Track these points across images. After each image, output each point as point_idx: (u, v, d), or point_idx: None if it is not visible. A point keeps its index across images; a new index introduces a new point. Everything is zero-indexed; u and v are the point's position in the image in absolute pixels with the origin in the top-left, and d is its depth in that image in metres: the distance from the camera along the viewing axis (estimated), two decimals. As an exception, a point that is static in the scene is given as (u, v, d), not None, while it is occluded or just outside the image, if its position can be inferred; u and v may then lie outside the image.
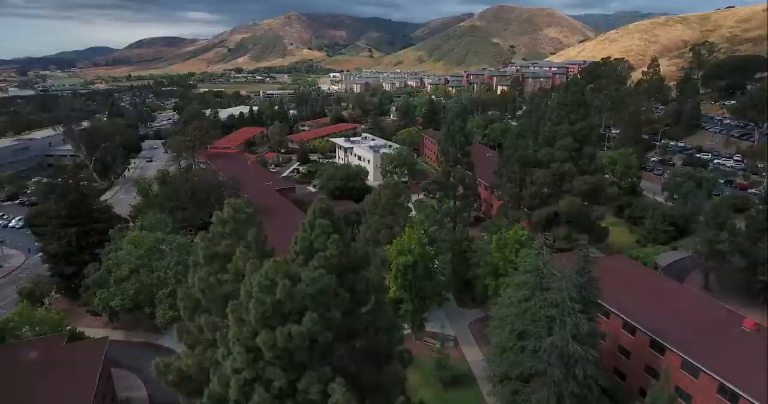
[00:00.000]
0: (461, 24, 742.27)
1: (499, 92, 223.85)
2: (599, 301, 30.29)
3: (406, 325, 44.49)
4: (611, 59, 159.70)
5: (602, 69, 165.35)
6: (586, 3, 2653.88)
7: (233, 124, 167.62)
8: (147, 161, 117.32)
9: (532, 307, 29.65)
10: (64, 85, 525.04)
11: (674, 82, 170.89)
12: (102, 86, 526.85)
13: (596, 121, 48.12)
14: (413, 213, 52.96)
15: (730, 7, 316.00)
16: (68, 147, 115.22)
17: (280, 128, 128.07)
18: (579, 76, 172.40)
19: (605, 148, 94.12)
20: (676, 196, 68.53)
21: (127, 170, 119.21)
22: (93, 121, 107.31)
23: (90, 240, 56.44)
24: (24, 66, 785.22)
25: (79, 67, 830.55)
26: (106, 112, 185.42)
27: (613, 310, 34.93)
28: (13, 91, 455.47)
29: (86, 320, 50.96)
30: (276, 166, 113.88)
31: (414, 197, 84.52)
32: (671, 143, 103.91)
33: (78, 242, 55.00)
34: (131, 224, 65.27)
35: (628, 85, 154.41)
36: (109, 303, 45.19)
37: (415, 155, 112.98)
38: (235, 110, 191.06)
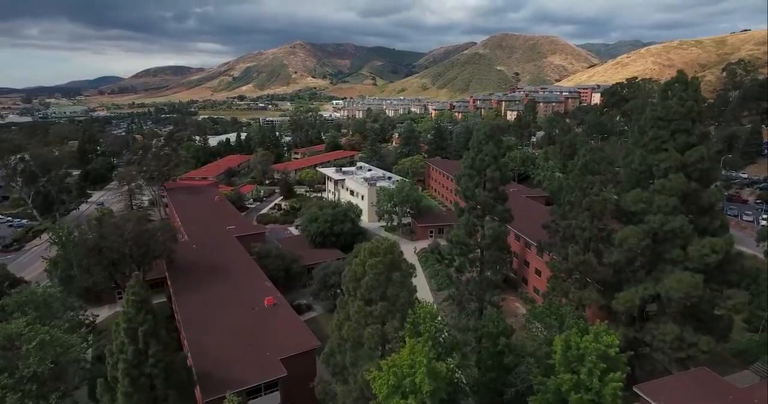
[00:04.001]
0: (465, 52, 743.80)
1: (508, 117, 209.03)
2: None
3: None
4: (637, 79, 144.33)
5: (626, 91, 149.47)
6: (586, 33, 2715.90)
7: (219, 151, 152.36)
8: (96, 205, 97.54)
9: None
10: (65, 113, 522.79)
11: (704, 105, 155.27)
12: (102, 113, 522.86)
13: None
14: (422, 295, 34.19)
15: (746, 30, 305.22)
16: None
17: (263, 156, 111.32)
18: (601, 99, 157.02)
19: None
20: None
21: (84, 203, 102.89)
22: (31, 150, 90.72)
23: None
24: (31, 94, 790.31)
25: (85, 95, 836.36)
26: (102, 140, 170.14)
27: None
28: (12, 118, 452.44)
29: None
30: (255, 200, 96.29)
31: (419, 245, 66.45)
32: (732, 174, 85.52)
33: None
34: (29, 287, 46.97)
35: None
36: None
37: (420, 187, 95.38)
38: (231, 137, 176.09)
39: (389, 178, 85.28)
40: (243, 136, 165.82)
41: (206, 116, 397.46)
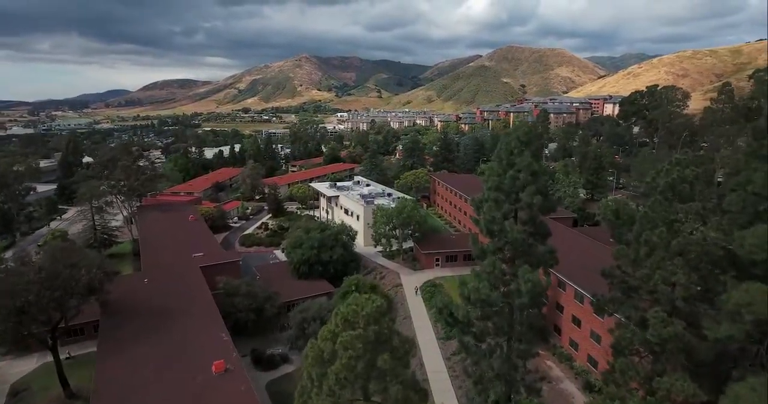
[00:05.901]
0: (470, 64, 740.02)
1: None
2: None
3: None
4: (659, 87, 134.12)
5: (645, 100, 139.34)
6: (591, 46, 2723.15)
7: (211, 164, 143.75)
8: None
9: None
10: (69, 125, 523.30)
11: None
12: (106, 125, 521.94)
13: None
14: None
15: (761, 39, 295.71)
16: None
17: (252, 169, 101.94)
18: (619, 109, 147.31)
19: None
20: None
21: (57, 219, 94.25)
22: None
23: None
24: (40, 107, 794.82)
25: (92, 108, 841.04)
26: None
27: None
28: (16, 130, 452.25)
29: None
30: (240, 218, 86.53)
31: (422, 277, 55.84)
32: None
33: None
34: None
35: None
36: None
37: (425, 204, 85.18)
38: (225, 149, 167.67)
39: (389, 194, 75.21)
40: (237, 147, 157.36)
41: (209, 128, 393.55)
